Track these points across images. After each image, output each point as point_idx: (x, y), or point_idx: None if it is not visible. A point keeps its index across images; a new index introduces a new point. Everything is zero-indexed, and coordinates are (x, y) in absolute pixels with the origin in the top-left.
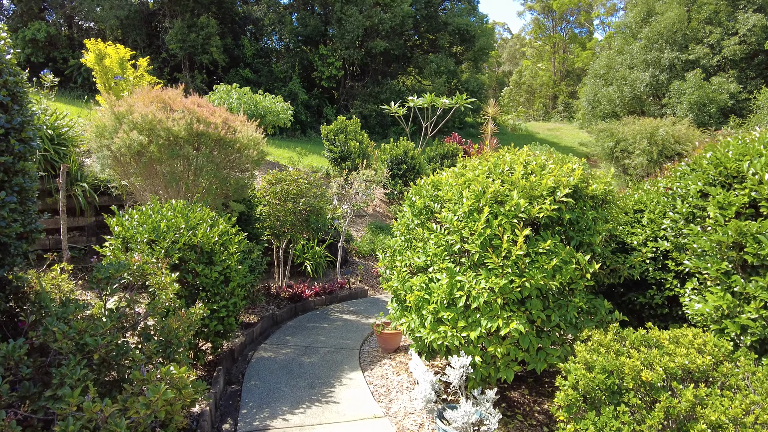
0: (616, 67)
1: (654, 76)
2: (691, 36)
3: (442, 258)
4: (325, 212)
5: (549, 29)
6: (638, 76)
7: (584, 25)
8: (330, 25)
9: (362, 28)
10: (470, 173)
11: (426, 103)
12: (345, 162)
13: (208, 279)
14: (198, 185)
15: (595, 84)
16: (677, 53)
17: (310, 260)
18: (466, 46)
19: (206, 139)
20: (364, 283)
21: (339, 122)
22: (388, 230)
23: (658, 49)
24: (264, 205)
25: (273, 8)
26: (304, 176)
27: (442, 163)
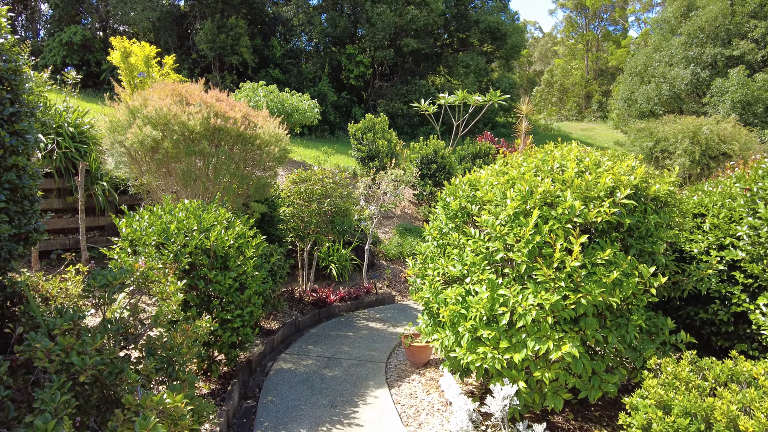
0: (654, 65)
1: (695, 74)
2: (735, 31)
3: (482, 268)
4: (351, 213)
5: (581, 27)
6: (678, 73)
7: (618, 23)
8: (360, 24)
9: (393, 26)
10: (514, 171)
11: (458, 100)
12: (373, 161)
13: (222, 286)
14: (218, 184)
15: (632, 82)
16: (720, 49)
17: (336, 263)
18: (497, 44)
19: (224, 135)
20: (391, 288)
21: (367, 120)
22: (417, 232)
23: (698, 44)
24: (288, 206)
25: (302, 9)
26: (330, 176)
27: (474, 163)
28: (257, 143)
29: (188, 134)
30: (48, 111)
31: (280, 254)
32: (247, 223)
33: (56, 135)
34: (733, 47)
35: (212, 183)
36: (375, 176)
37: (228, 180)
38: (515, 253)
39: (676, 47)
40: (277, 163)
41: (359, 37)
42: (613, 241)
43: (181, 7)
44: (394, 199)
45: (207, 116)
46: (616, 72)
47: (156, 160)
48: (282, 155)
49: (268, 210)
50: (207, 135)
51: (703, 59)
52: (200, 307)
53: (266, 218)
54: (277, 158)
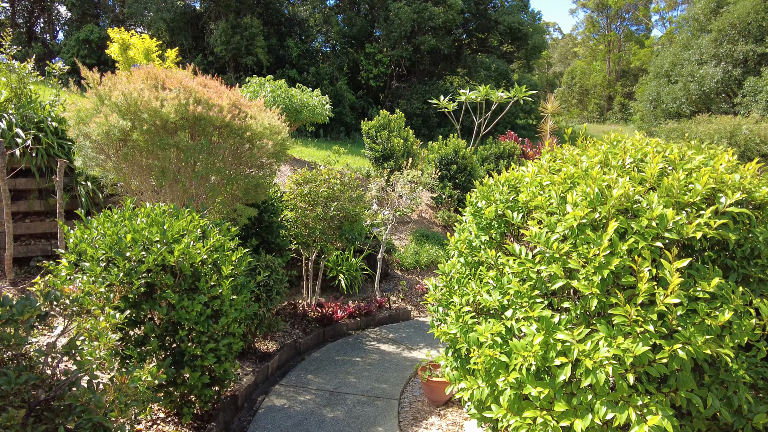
0: (682, 63)
1: (726, 72)
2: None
3: (531, 299)
4: (362, 219)
5: (603, 27)
6: (707, 71)
7: (641, 22)
8: (377, 23)
9: (411, 23)
10: (571, 166)
11: (480, 96)
12: (387, 161)
13: (189, 313)
14: (201, 185)
15: (658, 82)
16: (752, 46)
17: (345, 274)
18: (518, 44)
19: (207, 126)
20: (406, 302)
21: (381, 117)
22: (436, 239)
23: (729, 41)
24: (291, 210)
25: (319, 9)
26: (338, 176)
27: (497, 164)
28: (247, 135)
29: (162, 124)
30: (30, 105)
31: (280, 266)
32: (228, 232)
33: (37, 130)
34: (767, 44)
35: (194, 183)
36: (389, 177)
37: (217, 180)
38: (581, 282)
39: (705, 45)
40: (275, 161)
41: (376, 37)
42: (713, 264)
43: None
44: (410, 202)
45: (185, 103)
46: (639, 73)
47: (123, 155)
48: (279, 151)
49: (267, 216)
50: (186, 125)
51: (734, 57)
52: (163, 339)
53: (264, 224)
54: (272, 154)
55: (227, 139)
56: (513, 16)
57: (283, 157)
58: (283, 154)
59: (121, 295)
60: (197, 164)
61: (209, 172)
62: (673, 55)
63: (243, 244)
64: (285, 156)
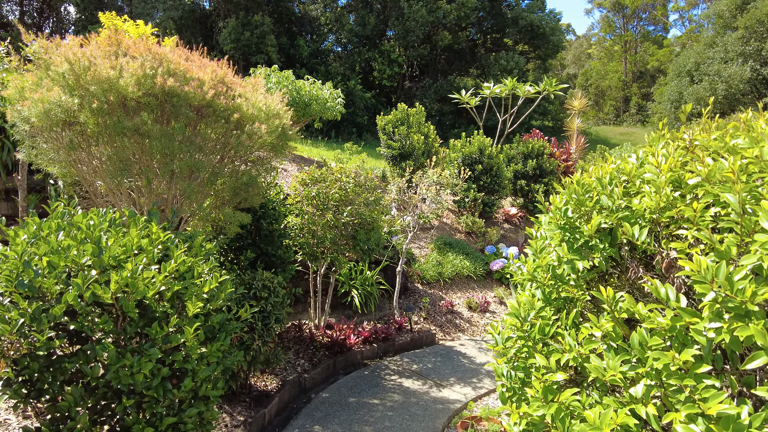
0: (706, 62)
1: (754, 70)
2: None
3: (696, 379)
4: (379, 226)
5: (619, 28)
6: (735, 70)
7: (659, 22)
8: (390, 21)
9: (426, 23)
10: (746, 150)
11: (505, 91)
12: (406, 161)
13: (134, 377)
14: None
15: (680, 82)
16: None
17: (359, 289)
18: (536, 43)
19: (181, 105)
20: (429, 322)
21: (399, 111)
22: (460, 247)
23: (757, 39)
24: (296, 215)
25: (330, 7)
26: (351, 175)
27: (525, 164)
28: (234, 119)
29: (119, 101)
30: None
31: (279, 286)
32: (201, 249)
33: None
34: None
35: (166, 182)
36: (411, 178)
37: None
38: None
39: (731, 42)
40: (274, 155)
41: (389, 37)
42: None
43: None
44: (435, 207)
45: (151, 74)
46: (657, 74)
47: (68, 143)
48: (278, 142)
49: (267, 222)
50: (152, 104)
51: (762, 55)
52: (99, 412)
53: (263, 233)
54: (269, 145)
55: (211, 123)
56: (532, 15)
57: (285, 150)
58: (285, 146)
59: (18, 354)
60: (170, 157)
61: (185, 168)
62: (697, 53)
63: (236, 258)
64: (287, 148)
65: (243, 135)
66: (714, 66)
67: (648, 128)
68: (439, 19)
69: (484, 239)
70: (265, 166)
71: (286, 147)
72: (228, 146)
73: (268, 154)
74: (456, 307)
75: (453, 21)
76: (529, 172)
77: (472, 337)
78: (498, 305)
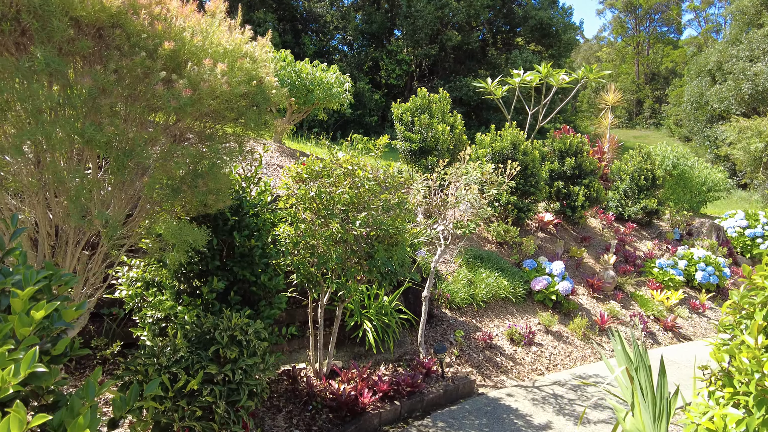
0: (730, 61)
1: None
2: None
3: None
4: (405, 239)
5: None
6: (761, 68)
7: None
8: (398, 19)
9: (433, 20)
10: None
11: (537, 78)
12: (427, 156)
13: None
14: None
15: (700, 82)
16: None
17: (373, 320)
18: (548, 42)
19: (52, 12)
20: (464, 361)
21: (420, 98)
22: (492, 261)
23: None
24: (290, 223)
25: (336, 5)
26: (367, 168)
27: (562, 163)
28: (165, 50)
29: None
30: None
31: (255, 336)
32: None
33: None
34: None
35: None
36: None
37: (114, 162)
38: None
39: (758, 39)
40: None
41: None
42: None
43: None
44: (473, 211)
45: None
46: (670, 75)
47: None
48: (251, 103)
49: (243, 236)
50: None
51: None
52: None
53: (238, 251)
54: (234, 105)
55: (117, 58)
56: (544, 12)
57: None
58: (263, 115)
59: None
60: (33, 121)
61: (64, 143)
62: (719, 51)
63: (197, 290)
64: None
65: (181, 81)
66: (739, 64)
67: (662, 131)
68: (447, 17)
69: (520, 251)
70: (229, 146)
71: (266, 116)
72: (153, 100)
73: (235, 129)
74: (495, 339)
75: (462, 20)
76: (567, 172)
77: (519, 380)
78: (544, 335)
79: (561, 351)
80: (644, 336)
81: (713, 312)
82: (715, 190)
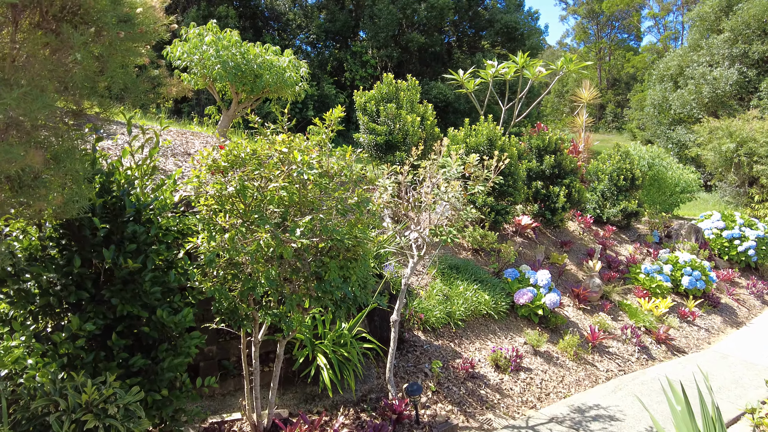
0: (692, 66)
1: (741, 73)
2: None
3: None
4: (367, 252)
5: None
6: (722, 73)
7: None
8: (362, 20)
9: (397, 22)
10: None
11: (513, 69)
12: (395, 152)
13: None
14: None
15: (663, 87)
16: None
17: (329, 353)
18: (513, 46)
19: None
20: (442, 398)
21: (386, 84)
22: (470, 271)
23: (744, 41)
24: (203, 229)
25: (298, 3)
26: (314, 154)
27: (541, 162)
28: None
29: None
30: None
31: (133, 421)
32: None
33: None
34: None
35: None
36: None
37: None
38: None
39: (717, 45)
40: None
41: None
42: None
43: None
44: (458, 213)
45: None
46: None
47: None
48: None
49: (126, 252)
50: None
51: (749, 57)
52: None
53: (118, 276)
54: None
55: None
56: (510, 15)
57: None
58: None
59: None
60: None
61: None
62: (680, 57)
63: (50, 336)
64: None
65: None
66: (699, 69)
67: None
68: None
69: (499, 259)
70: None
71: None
72: None
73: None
74: (477, 367)
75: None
76: (546, 171)
77: (508, 418)
78: (532, 357)
79: (552, 376)
80: (638, 351)
81: (703, 320)
82: (688, 191)
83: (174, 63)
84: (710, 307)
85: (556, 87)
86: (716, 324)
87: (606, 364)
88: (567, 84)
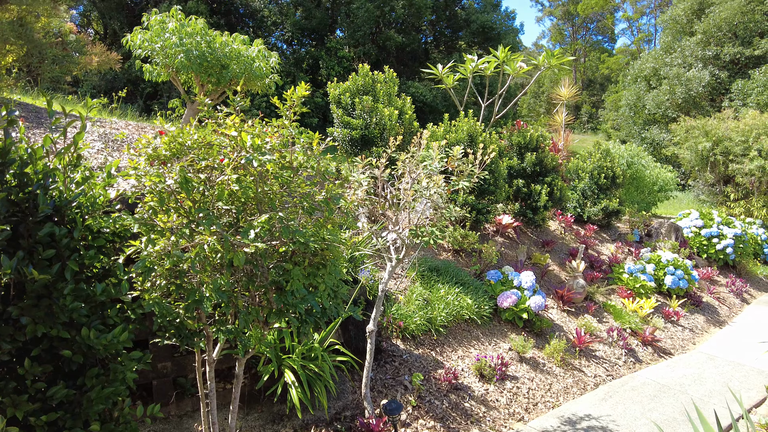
0: (666, 67)
1: (713, 75)
2: (755, 29)
3: None
4: (338, 256)
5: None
6: (695, 74)
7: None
8: (339, 17)
9: (374, 19)
10: None
11: (494, 64)
12: (371, 147)
13: None
14: None
15: (638, 88)
16: (740, 48)
17: (297, 369)
18: (489, 45)
19: None
20: (424, 413)
21: (362, 75)
22: (451, 274)
23: (716, 44)
24: (141, 231)
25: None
26: (274, 142)
27: (522, 159)
28: None
29: None
30: None
31: None
32: None
33: None
34: (754, 46)
35: None
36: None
37: None
38: None
39: (690, 47)
40: None
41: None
42: None
43: None
44: (440, 212)
45: None
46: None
47: None
48: None
49: (42, 262)
50: None
51: (721, 59)
52: None
53: (32, 288)
54: None
55: None
56: (486, 15)
57: None
58: None
59: None
60: None
61: None
62: (654, 58)
63: None
64: None
65: None
66: (673, 70)
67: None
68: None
69: (480, 260)
70: None
71: None
72: None
73: None
74: (461, 377)
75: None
76: (527, 168)
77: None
78: (518, 364)
79: (540, 384)
80: (625, 354)
81: (687, 320)
82: (666, 190)
83: (134, 52)
84: (693, 307)
85: (533, 88)
86: (700, 323)
87: (594, 369)
88: (543, 85)
